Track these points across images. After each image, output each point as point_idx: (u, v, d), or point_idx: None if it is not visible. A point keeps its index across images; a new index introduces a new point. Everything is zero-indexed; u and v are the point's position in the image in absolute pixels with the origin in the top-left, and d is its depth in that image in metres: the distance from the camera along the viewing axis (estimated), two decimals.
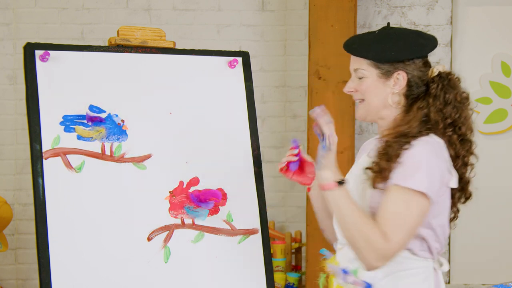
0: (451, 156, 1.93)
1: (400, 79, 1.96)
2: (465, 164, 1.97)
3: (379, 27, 3.98)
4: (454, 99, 1.97)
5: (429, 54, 2.01)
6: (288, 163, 2.05)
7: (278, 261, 3.88)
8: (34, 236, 2.02)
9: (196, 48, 2.33)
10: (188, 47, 2.31)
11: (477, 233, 4.03)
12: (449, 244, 4.05)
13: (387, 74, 1.96)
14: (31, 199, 4.00)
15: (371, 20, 4.03)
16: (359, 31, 3.95)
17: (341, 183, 1.87)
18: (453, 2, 4.04)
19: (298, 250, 4.07)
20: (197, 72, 2.28)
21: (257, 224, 2.25)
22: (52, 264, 1.96)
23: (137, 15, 4.15)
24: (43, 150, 2.02)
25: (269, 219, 3.27)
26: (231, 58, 2.33)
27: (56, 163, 2.03)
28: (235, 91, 2.32)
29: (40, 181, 1.99)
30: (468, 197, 2.01)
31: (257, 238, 2.24)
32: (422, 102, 1.95)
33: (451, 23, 4.04)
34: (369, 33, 2.05)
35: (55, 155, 2.04)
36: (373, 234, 1.81)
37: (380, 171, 1.87)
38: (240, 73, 2.34)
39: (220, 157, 2.25)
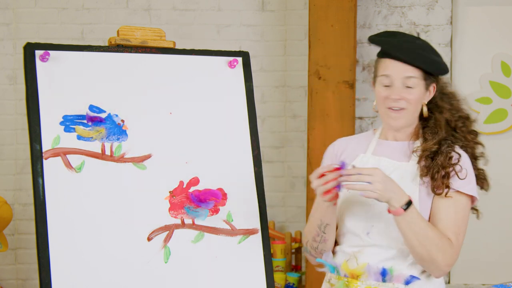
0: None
1: (431, 91, 2.05)
2: (474, 157, 2.09)
3: (379, 27, 4.02)
4: (452, 96, 2.10)
5: None
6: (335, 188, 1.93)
7: (278, 261, 3.88)
8: (34, 236, 2.02)
9: (196, 48, 2.32)
10: (188, 47, 2.31)
11: (477, 233, 4.03)
12: None
13: (427, 86, 2.03)
14: (31, 199, 4.00)
15: (371, 20, 4.03)
16: (359, 31, 3.95)
17: (408, 204, 1.90)
18: (453, 2, 4.04)
19: (298, 250, 4.07)
20: (197, 72, 2.28)
21: (257, 224, 2.25)
22: (52, 264, 1.96)
23: (137, 15, 4.15)
24: (43, 150, 2.02)
25: (269, 219, 3.26)
26: (231, 58, 2.33)
27: (56, 163, 2.03)
28: (235, 91, 2.32)
29: (40, 181, 1.99)
30: (481, 186, 2.11)
31: (257, 238, 2.24)
32: (438, 107, 2.06)
33: (451, 23, 4.04)
34: (414, 41, 2.04)
35: (55, 155, 2.04)
36: (445, 243, 1.93)
37: (441, 179, 1.97)
38: (240, 73, 2.34)
39: (220, 157, 2.25)
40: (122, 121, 2.14)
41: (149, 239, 2.11)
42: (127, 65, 2.19)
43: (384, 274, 1.98)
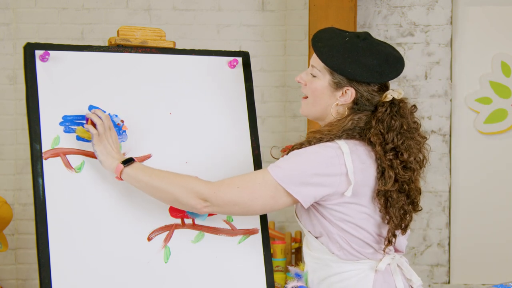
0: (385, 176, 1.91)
1: (348, 94, 1.96)
2: (403, 190, 1.94)
3: (379, 27, 4.02)
4: (400, 126, 1.94)
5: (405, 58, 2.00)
6: None
7: (278, 261, 3.88)
8: (34, 236, 2.02)
9: (196, 48, 2.33)
10: (188, 47, 2.31)
11: (477, 233, 4.03)
12: (449, 244, 4.05)
13: (338, 85, 1.96)
14: (31, 199, 4.00)
15: (371, 20, 4.03)
16: (359, 31, 3.95)
17: (127, 161, 1.98)
18: (453, 2, 4.04)
19: (298, 250, 4.07)
20: (197, 72, 2.28)
21: (257, 224, 2.25)
22: (52, 264, 1.96)
23: (137, 15, 4.15)
24: (43, 150, 2.02)
25: (269, 219, 3.26)
26: (231, 58, 2.33)
27: (56, 163, 2.03)
28: (235, 91, 2.32)
29: (40, 181, 1.99)
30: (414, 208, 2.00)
31: (257, 238, 2.24)
32: (356, 115, 1.95)
33: (451, 23, 4.04)
34: (341, 35, 1.99)
35: (55, 155, 2.04)
36: (190, 178, 1.95)
37: None
38: (240, 73, 2.34)
39: (220, 157, 2.25)
40: (122, 121, 2.14)
41: (149, 239, 2.11)
42: (127, 65, 2.19)
43: (297, 277, 2.09)
